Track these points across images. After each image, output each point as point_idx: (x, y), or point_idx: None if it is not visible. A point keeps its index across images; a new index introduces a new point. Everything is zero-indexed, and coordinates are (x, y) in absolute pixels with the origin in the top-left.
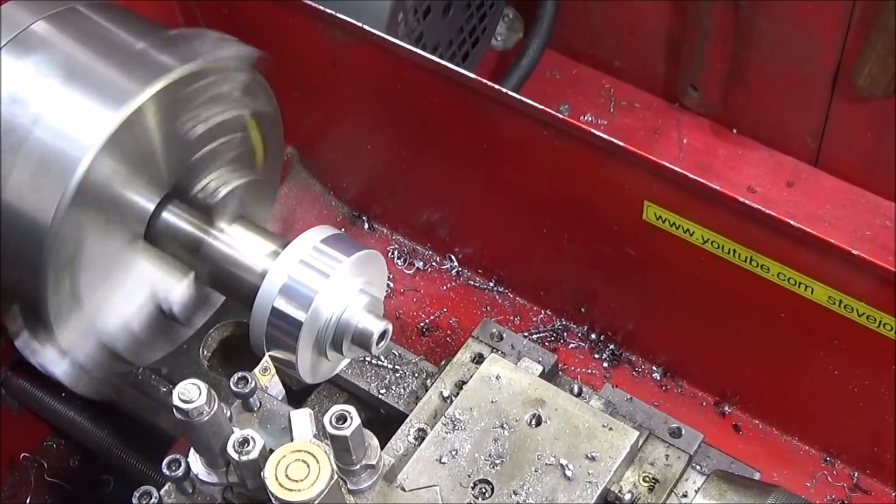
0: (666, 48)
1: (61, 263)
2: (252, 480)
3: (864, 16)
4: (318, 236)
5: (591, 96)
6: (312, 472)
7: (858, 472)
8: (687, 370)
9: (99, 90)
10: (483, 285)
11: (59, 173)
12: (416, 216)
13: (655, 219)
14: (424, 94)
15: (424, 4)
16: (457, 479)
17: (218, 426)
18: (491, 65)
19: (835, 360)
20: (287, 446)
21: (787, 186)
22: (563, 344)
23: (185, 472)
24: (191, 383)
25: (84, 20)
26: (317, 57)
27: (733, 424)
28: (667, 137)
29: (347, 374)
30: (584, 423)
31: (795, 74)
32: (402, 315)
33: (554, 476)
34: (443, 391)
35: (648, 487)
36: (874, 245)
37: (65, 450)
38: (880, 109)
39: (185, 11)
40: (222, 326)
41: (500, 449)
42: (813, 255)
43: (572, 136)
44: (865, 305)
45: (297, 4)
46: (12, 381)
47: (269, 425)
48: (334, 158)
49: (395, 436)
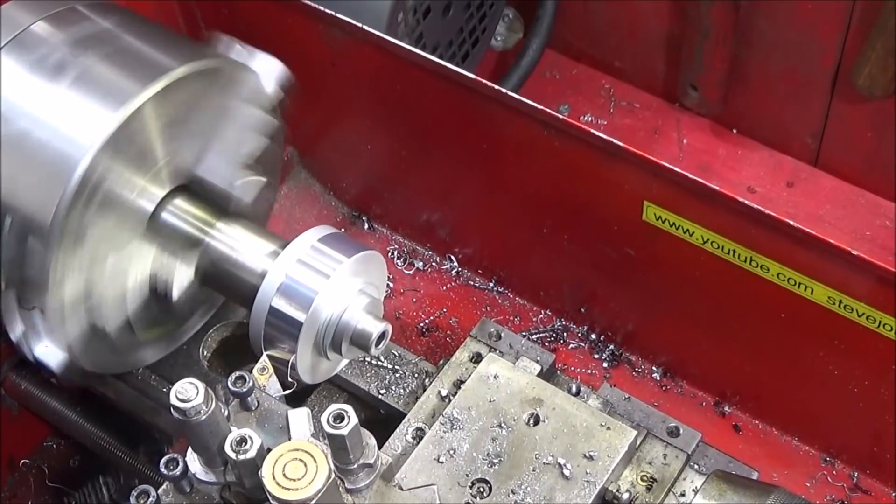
0: (666, 48)
1: (61, 263)
2: (250, 479)
3: (864, 16)
4: (318, 237)
5: (591, 96)
6: (310, 471)
7: (858, 472)
8: (687, 370)
9: (99, 90)
10: (483, 285)
11: (59, 174)
12: (416, 216)
13: (655, 219)
14: (424, 94)
15: (424, 4)
16: (455, 479)
17: (215, 425)
18: (491, 65)
19: (835, 360)
20: (284, 445)
21: (787, 186)
22: (563, 344)
23: (183, 471)
24: (188, 382)
25: (84, 20)
26: (317, 57)
27: (733, 424)
28: (667, 137)
29: (347, 375)
30: (582, 423)
31: (795, 74)
32: (401, 315)
33: (552, 475)
34: (441, 390)
35: (646, 486)
36: (874, 245)
37: (65, 450)
38: (880, 109)
39: (185, 11)
40: (222, 326)
41: (498, 448)
42: (813, 256)
43: (572, 136)
44: (865, 306)
45: (297, 4)
46: (12, 381)
47: (266, 424)
48: (334, 158)
49: (394, 435)
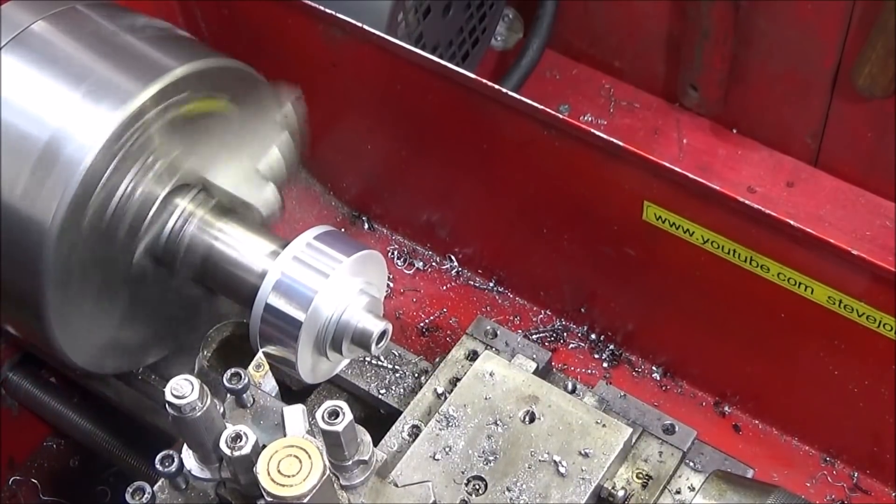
0: (666, 48)
1: (61, 264)
2: (245, 476)
3: (864, 16)
4: (318, 236)
5: (591, 96)
6: (304, 468)
7: (858, 472)
8: (687, 370)
9: (99, 90)
10: (483, 285)
11: (60, 174)
12: (416, 216)
13: (655, 219)
14: (424, 94)
15: (424, 4)
16: (450, 476)
17: (210, 422)
18: (491, 65)
19: (835, 360)
20: (279, 441)
21: (787, 186)
22: (563, 344)
23: (179, 468)
24: (183, 379)
25: (84, 20)
26: (317, 57)
27: (733, 424)
28: (667, 137)
29: (347, 374)
30: (578, 420)
31: (795, 74)
32: (402, 315)
33: (547, 472)
34: (437, 388)
35: (642, 484)
36: (874, 245)
37: (65, 450)
38: (880, 109)
39: (185, 11)
40: (222, 326)
41: (493, 445)
42: (813, 255)
43: (572, 136)
44: (865, 305)
45: (297, 4)
46: (12, 381)
47: (262, 421)
48: (334, 158)
49: (390, 432)
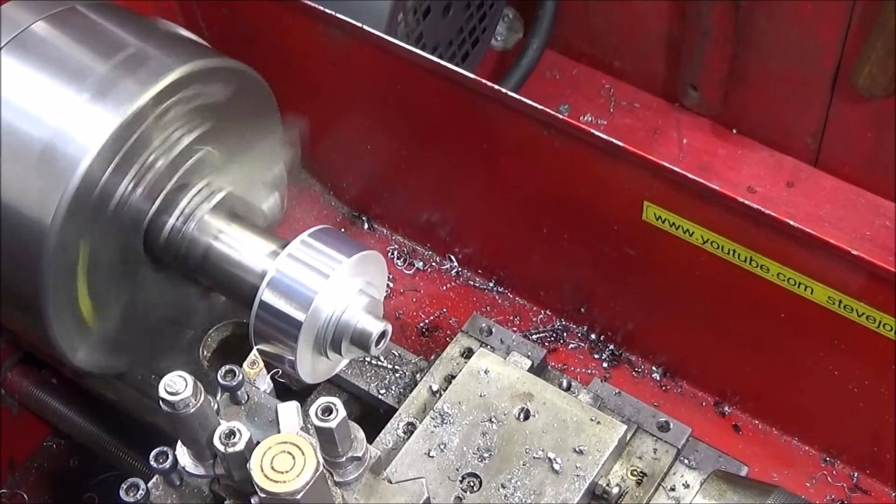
0: (666, 48)
1: (61, 264)
2: (238, 472)
3: (864, 16)
4: (318, 236)
5: (591, 96)
6: (298, 464)
7: (858, 472)
8: (687, 370)
9: (99, 90)
10: (483, 285)
11: (59, 174)
12: (416, 216)
13: (655, 219)
14: (424, 94)
15: (424, 4)
16: (445, 473)
17: (204, 418)
18: (491, 65)
19: (835, 360)
20: (272, 438)
21: (787, 186)
22: (562, 344)
23: (173, 464)
24: (177, 375)
25: (84, 20)
26: (317, 57)
27: (733, 424)
28: (667, 137)
29: (347, 374)
30: (572, 417)
31: (795, 74)
32: (401, 315)
33: (542, 469)
34: (432, 385)
35: (636, 481)
36: (874, 245)
37: (65, 450)
38: (880, 109)
39: (185, 11)
40: (222, 326)
41: (488, 443)
42: (812, 255)
43: (572, 136)
44: (865, 306)
45: (297, 4)
46: (12, 381)
47: (256, 418)
48: (334, 158)
49: (385, 429)
